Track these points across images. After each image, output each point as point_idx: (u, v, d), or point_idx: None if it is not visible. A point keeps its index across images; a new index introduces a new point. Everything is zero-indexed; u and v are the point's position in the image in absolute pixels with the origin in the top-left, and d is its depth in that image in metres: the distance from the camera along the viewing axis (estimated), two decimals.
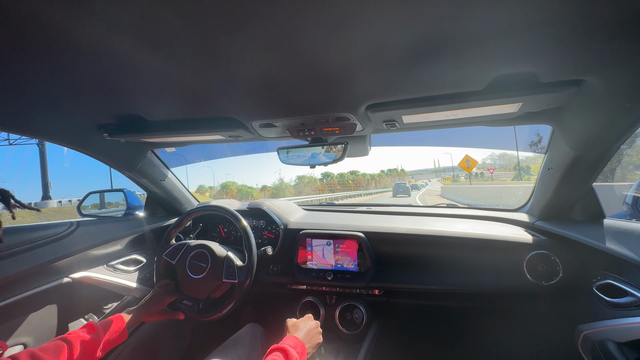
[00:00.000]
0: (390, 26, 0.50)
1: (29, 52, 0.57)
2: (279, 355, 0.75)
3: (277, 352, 0.76)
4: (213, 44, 0.55)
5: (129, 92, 0.80)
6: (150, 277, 1.33)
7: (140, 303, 1.02)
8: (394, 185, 26.25)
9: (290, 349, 0.77)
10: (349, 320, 1.25)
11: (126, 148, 1.23)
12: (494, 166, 60.74)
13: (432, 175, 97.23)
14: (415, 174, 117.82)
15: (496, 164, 69.63)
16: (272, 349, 0.78)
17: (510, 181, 24.58)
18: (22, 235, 0.97)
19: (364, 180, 73.76)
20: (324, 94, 0.78)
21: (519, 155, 26.40)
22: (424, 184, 47.16)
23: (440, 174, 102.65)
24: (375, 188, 53.55)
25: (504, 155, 77.75)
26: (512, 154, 77.15)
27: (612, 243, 0.86)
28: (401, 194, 22.65)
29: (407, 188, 24.13)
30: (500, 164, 72.70)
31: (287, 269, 1.35)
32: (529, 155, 43.45)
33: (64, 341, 0.74)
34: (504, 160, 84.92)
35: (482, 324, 1.34)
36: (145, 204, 1.61)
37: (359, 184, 65.93)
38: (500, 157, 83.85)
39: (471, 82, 0.73)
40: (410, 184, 31.32)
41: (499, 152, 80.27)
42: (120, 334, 0.87)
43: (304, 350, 0.82)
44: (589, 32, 0.52)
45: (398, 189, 23.73)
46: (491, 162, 75.50)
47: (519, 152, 26.85)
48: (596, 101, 0.75)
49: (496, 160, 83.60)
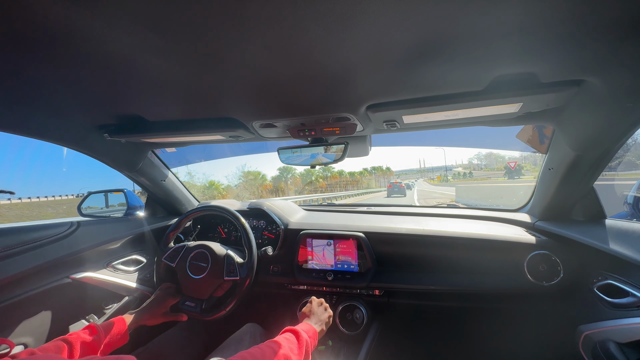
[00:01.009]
0: (390, 26, 0.50)
1: (29, 52, 0.57)
2: (291, 335, 0.78)
3: (289, 332, 0.80)
4: (213, 44, 0.55)
5: (129, 93, 0.80)
6: (150, 278, 1.33)
7: (143, 306, 1.01)
8: (389, 185, 25.78)
9: (301, 331, 0.81)
10: (349, 320, 1.24)
11: (126, 148, 1.23)
12: (480, 166, 60.59)
13: (418, 175, 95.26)
14: (401, 174, 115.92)
15: (482, 164, 69.44)
16: (285, 330, 0.81)
17: (503, 180, 24.46)
18: (23, 235, 0.97)
19: (341, 179, 63.14)
20: (325, 94, 0.78)
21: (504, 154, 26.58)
22: (412, 183, 46.51)
23: (425, 173, 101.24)
24: (357, 189, 48.00)
25: (490, 154, 77.57)
26: (498, 153, 76.29)
27: (613, 243, 0.86)
28: (396, 194, 22.35)
29: (402, 188, 23.86)
30: (486, 164, 72.50)
31: (287, 269, 1.35)
32: (514, 154, 43.32)
33: (64, 342, 0.74)
34: (490, 160, 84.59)
35: (482, 324, 1.34)
36: (145, 204, 1.61)
37: (335, 183, 57.30)
38: (486, 157, 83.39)
39: (472, 82, 0.72)
40: (405, 184, 30.71)
41: (485, 152, 79.77)
42: (122, 337, 0.87)
43: (315, 334, 0.86)
44: (589, 31, 0.52)
45: (393, 189, 23.46)
46: (478, 162, 75.29)
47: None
48: (597, 101, 0.75)
49: (482, 160, 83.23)
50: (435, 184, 51.26)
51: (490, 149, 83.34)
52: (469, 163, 67.90)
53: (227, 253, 1.16)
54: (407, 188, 28.07)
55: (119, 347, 0.87)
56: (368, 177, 74.83)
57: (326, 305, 1.02)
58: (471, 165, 63.06)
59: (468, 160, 74.64)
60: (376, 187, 47.21)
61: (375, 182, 67.16)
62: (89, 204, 1.58)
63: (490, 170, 52.80)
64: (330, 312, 0.99)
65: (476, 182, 21.76)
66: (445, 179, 65.29)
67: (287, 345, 0.72)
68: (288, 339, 0.76)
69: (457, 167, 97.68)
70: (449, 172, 77.17)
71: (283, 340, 0.74)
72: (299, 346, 0.75)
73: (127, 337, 0.89)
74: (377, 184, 69.53)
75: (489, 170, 51.95)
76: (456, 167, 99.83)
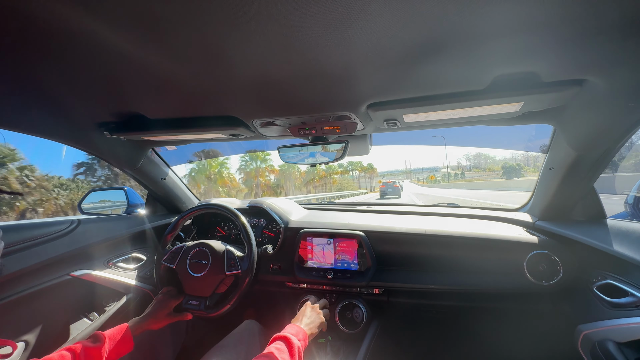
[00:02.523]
0: (391, 25, 0.50)
1: (30, 50, 0.57)
2: (281, 344, 0.76)
3: (279, 341, 0.78)
4: (214, 42, 0.55)
5: (129, 91, 0.80)
6: (150, 275, 1.33)
7: (146, 312, 1.01)
8: (382, 186, 24.60)
9: (291, 337, 0.79)
10: (349, 319, 1.25)
11: (127, 146, 1.23)
12: (469, 167, 58.98)
13: (404, 176, 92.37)
14: (386, 175, 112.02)
15: (471, 165, 68.14)
16: (274, 338, 0.80)
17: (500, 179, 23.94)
18: (23, 232, 0.97)
19: (308, 175, 40.68)
20: (325, 92, 0.78)
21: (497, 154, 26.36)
22: (400, 184, 44.31)
23: (410, 175, 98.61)
24: (330, 190, 37.25)
25: (479, 155, 75.07)
26: (487, 153, 72.79)
27: (612, 243, 0.86)
28: (390, 195, 21.48)
29: (396, 188, 23.03)
30: (475, 164, 70.73)
31: (287, 268, 1.35)
32: (504, 154, 42.49)
33: (69, 351, 0.74)
34: (479, 160, 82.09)
35: (482, 323, 1.34)
36: (145, 202, 1.61)
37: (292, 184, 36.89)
38: (475, 157, 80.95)
39: (473, 82, 0.72)
40: (400, 183, 29.76)
41: (474, 152, 76.65)
42: (126, 344, 0.87)
43: (305, 337, 0.85)
44: (591, 31, 0.52)
45: (386, 190, 22.37)
46: (467, 163, 73.63)
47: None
48: (598, 101, 0.75)
49: (471, 161, 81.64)
50: (426, 185, 46.36)
51: (487, 148, 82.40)
52: (457, 164, 66.42)
53: (227, 248, 1.16)
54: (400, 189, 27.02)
55: (124, 355, 0.86)
56: (341, 176, 55.31)
57: (319, 311, 1.01)
58: (460, 166, 61.49)
59: (457, 161, 73.26)
60: (353, 188, 37.55)
61: (353, 183, 52.34)
62: (89, 201, 1.58)
63: (480, 170, 51.33)
64: (322, 319, 0.99)
65: (481, 181, 21.19)
66: (436, 180, 62.34)
67: (279, 356, 0.72)
68: (279, 348, 0.75)
69: (444, 168, 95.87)
70: (435, 173, 74.59)
71: (275, 351, 0.73)
72: (290, 355, 0.74)
73: (132, 344, 0.88)
74: (354, 183, 53.47)
75: (479, 171, 50.61)
76: (443, 168, 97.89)
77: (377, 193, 23.96)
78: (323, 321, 0.99)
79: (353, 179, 59.83)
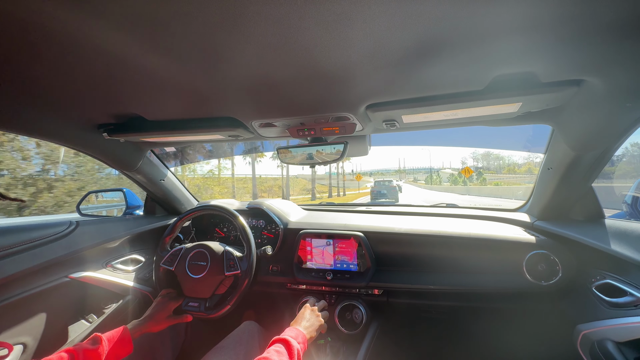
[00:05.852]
0: (390, 25, 0.50)
1: (28, 52, 0.57)
2: (281, 347, 0.76)
3: (278, 343, 0.78)
4: (212, 43, 0.55)
5: (128, 92, 0.79)
6: (149, 277, 1.33)
7: (145, 314, 1.00)
8: (373, 185, 17.85)
9: (291, 339, 0.79)
10: (348, 320, 1.25)
11: (125, 148, 1.23)
12: (475, 168, 56.62)
13: (396, 176, 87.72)
14: (375, 174, 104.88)
15: (478, 165, 66.47)
16: (273, 341, 0.80)
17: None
18: (21, 234, 0.96)
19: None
20: (324, 93, 0.78)
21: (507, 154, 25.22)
22: (398, 184, 33.42)
23: (404, 175, 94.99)
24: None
25: (488, 154, 71.86)
26: (498, 153, 69.05)
27: (611, 243, 0.86)
28: (385, 198, 15.35)
29: (393, 189, 16.47)
30: (484, 165, 68.25)
31: (286, 269, 1.35)
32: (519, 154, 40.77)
33: (67, 353, 0.73)
34: (489, 160, 77.94)
35: (481, 323, 1.34)
36: (144, 204, 1.60)
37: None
38: (484, 157, 76.99)
39: (471, 82, 0.72)
40: (396, 183, 21.50)
41: (482, 152, 73.17)
42: (125, 346, 0.86)
43: (305, 340, 0.85)
44: (589, 31, 0.52)
45: (379, 192, 15.83)
46: (475, 164, 71.32)
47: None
48: (596, 101, 0.75)
49: (479, 161, 79.28)
50: (435, 188, 39.59)
51: (486, 148, 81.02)
52: (462, 164, 64.30)
53: (226, 249, 1.16)
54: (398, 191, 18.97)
55: (123, 357, 0.86)
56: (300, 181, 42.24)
57: (318, 313, 1.01)
58: (467, 166, 59.89)
59: (461, 160, 70.73)
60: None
61: (325, 187, 37.29)
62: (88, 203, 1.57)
63: (494, 172, 49.26)
64: (321, 322, 0.98)
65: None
66: (438, 181, 58.24)
67: (279, 358, 0.72)
68: (279, 351, 0.75)
69: (446, 168, 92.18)
70: (435, 173, 71.95)
71: (274, 354, 0.73)
72: (290, 358, 0.74)
73: (131, 347, 0.88)
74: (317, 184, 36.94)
75: (494, 173, 48.69)
76: (444, 169, 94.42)
77: (349, 195, 17.45)
78: (322, 324, 0.98)
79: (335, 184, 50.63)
